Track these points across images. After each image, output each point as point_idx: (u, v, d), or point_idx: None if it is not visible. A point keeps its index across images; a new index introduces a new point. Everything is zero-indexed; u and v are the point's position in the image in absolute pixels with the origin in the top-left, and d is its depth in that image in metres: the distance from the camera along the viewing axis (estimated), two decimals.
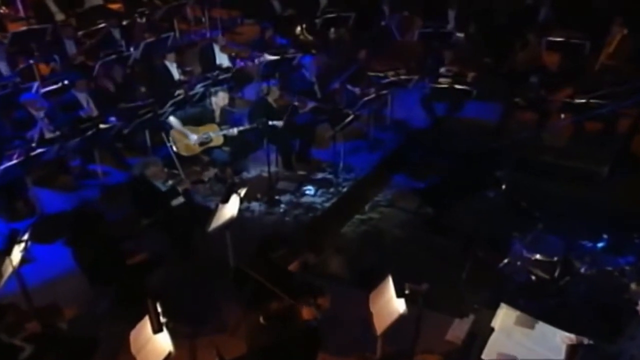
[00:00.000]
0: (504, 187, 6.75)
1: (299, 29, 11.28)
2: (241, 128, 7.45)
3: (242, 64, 9.65)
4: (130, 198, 6.02)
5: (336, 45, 10.41)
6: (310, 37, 11.24)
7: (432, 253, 6.41)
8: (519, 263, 5.55)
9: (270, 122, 7.13)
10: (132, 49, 9.45)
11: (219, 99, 7.60)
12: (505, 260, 5.65)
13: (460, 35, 10.28)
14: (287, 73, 9.20)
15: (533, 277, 5.42)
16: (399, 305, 4.31)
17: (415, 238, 6.83)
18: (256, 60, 9.58)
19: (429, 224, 7.05)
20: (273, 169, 7.55)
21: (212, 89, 7.65)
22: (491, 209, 6.74)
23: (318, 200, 7.32)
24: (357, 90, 8.64)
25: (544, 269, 5.42)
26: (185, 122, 7.50)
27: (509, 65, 9.40)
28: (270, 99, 7.81)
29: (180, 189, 5.90)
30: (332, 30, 10.90)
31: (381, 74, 8.79)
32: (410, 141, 8.66)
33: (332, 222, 7.12)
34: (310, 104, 8.20)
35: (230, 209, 5.54)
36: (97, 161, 7.48)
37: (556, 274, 5.38)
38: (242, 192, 5.57)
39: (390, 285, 4.40)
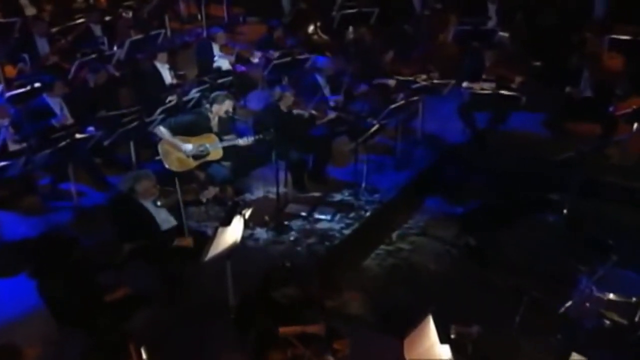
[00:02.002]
0: (565, 211, 6.51)
1: (312, 27, 11.40)
2: (245, 139, 7.40)
3: (243, 68, 9.82)
4: (110, 220, 6.00)
5: (355, 46, 10.45)
6: (325, 37, 11.36)
7: (476, 291, 6.36)
8: (587, 304, 5.43)
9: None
10: (115, 48, 9.51)
11: (222, 106, 7.51)
12: (570, 301, 5.55)
13: (504, 34, 10.28)
14: (298, 77, 9.23)
15: (607, 322, 5.30)
16: (444, 353, 4.11)
17: (454, 273, 6.81)
18: (257, 59, 9.71)
19: (471, 256, 7.03)
20: (282, 189, 7.51)
21: (213, 95, 7.63)
22: (548, 238, 6.75)
23: (335, 226, 7.26)
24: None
25: (621, 312, 5.31)
26: (177, 132, 7.42)
27: (562, 69, 9.28)
28: (282, 106, 7.83)
29: (204, 198, 6.04)
30: (351, 29, 10.93)
31: (410, 78, 8.86)
32: (446, 158, 8.69)
33: (353, 253, 7.10)
34: (331, 114, 8.23)
35: (232, 234, 5.42)
36: (70, 179, 7.42)
37: (636, 318, 5.25)
38: (247, 213, 5.51)
39: (431, 328, 4.25)
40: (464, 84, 8.77)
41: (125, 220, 5.86)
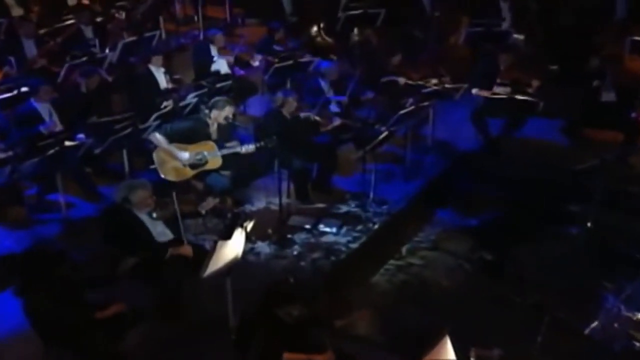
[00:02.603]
0: (588, 224, 6.59)
1: (315, 28, 11.44)
2: (246, 147, 7.39)
3: (242, 72, 9.85)
4: (102, 233, 5.97)
5: (361, 49, 10.47)
6: (328, 39, 11.40)
7: (493, 310, 6.26)
8: (615, 325, 5.39)
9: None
10: (107, 51, 9.50)
11: (221, 112, 7.49)
12: (596, 322, 5.51)
13: (519, 36, 10.34)
14: (301, 81, 9.32)
15: (637, 344, 5.25)
16: None
17: (468, 290, 6.72)
18: (257, 62, 9.79)
19: (487, 271, 6.96)
20: (285, 199, 7.48)
21: (212, 100, 7.64)
22: (571, 252, 6.71)
23: (341, 240, 7.27)
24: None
25: None
26: (173, 139, 7.40)
27: (581, 72, 9.30)
28: (285, 112, 7.84)
29: (202, 210, 6.05)
30: (356, 30, 10.95)
31: (420, 82, 8.97)
32: (458, 166, 8.67)
33: (361, 269, 7.05)
34: (336, 121, 8.25)
35: (233, 248, 5.40)
36: (59, 189, 7.39)
37: None
38: (249, 226, 5.47)
39: (448, 350, 4.20)
40: (474, 90, 8.77)
41: (119, 232, 5.81)
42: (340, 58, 10.04)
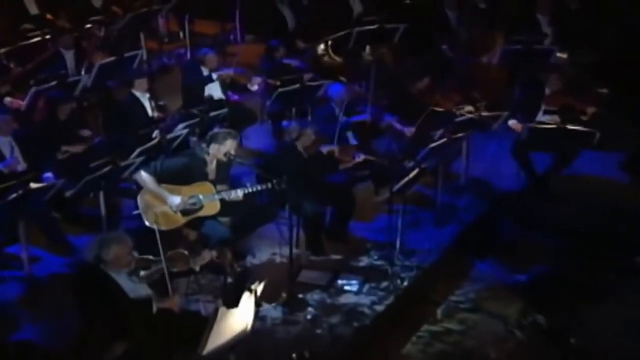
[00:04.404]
0: None
1: (322, 47, 11.33)
2: (250, 189, 7.27)
3: (236, 97, 9.90)
4: (72, 300, 5.76)
5: (375, 71, 10.45)
6: (337, 59, 11.35)
7: None
8: None
9: None
10: (83, 73, 9.51)
11: (222, 147, 7.36)
12: None
13: (562, 55, 10.29)
14: (308, 109, 9.48)
15: None
16: None
17: None
18: (256, 86, 9.80)
19: (544, 341, 6.82)
20: (295, 251, 7.31)
21: (211, 132, 7.56)
22: None
23: (364, 301, 7.16)
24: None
25: None
26: (163, 179, 7.29)
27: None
28: (300, 146, 7.88)
29: (197, 266, 6.04)
30: (368, 49, 11.04)
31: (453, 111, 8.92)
32: (498, 210, 8.68)
33: (389, 337, 6.96)
34: (359, 157, 8.28)
35: (240, 318, 5.34)
36: (21, 240, 7.33)
37: None
38: (259, 288, 5.44)
39: None
40: (511, 122, 8.77)
41: (92, 301, 5.58)
42: (351, 80, 10.14)
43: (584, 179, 8.90)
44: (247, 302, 5.34)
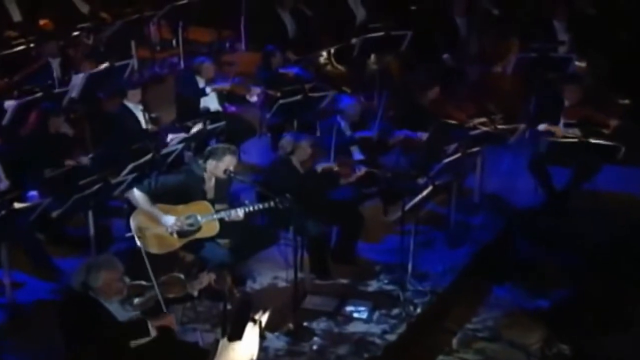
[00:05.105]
0: None
1: (324, 55, 11.35)
2: (251, 207, 7.21)
3: (233, 109, 9.90)
4: (59, 329, 5.59)
5: (380, 80, 10.58)
6: (340, 67, 11.38)
7: None
8: None
9: None
10: (72, 82, 9.48)
11: (220, 163, 7.29)
12: None
13: (580, 63, 10.34)
14: (311, 121, 9.46)
15: None
16: None
17: None
18: (254, 97, 9.78)
19: None
20: (298, 274, 7.18)
21: (209, 148, 7.54)
22: None
23: (374, 329, 7.10)
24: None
25: None
26: (157, 198, 7.23)
27: None
28: (295, 161, 7.80)
29: (194, 291, 6.01)
30: (373, 57, 11.07)
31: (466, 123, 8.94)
32: (515, 228, 8.67)
33: None
34: (360, 170, 8.18)
35: (243, 351, 5.24)
36: (3, 265, 7.28)
37: None
38: (264, 318, 5.41)
39: None
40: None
41: (79, 329, 5.42)
42: (354, 91, 10.17)
43: (605, 195, 8.87)
44: (251, 333, 5.28)
